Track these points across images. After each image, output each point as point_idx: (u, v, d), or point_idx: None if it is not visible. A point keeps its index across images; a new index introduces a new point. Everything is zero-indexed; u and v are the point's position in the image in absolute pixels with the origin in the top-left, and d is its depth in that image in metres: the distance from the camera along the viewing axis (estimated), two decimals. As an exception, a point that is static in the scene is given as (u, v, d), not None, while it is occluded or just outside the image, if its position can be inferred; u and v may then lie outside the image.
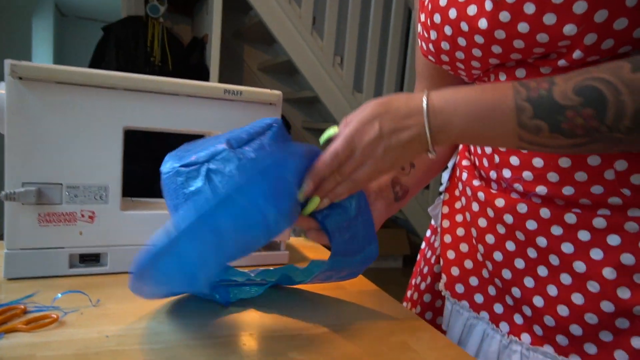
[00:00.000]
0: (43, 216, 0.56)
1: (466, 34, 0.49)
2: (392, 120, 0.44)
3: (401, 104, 0.44)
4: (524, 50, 0.46)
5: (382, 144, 0.44)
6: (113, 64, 2.43)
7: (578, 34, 0.42)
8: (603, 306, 0.46)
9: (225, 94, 0.63)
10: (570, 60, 0.44)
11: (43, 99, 0.54)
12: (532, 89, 0.41)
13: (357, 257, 0.53)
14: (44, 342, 0.41)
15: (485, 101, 0.42)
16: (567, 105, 0.40)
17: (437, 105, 0.43)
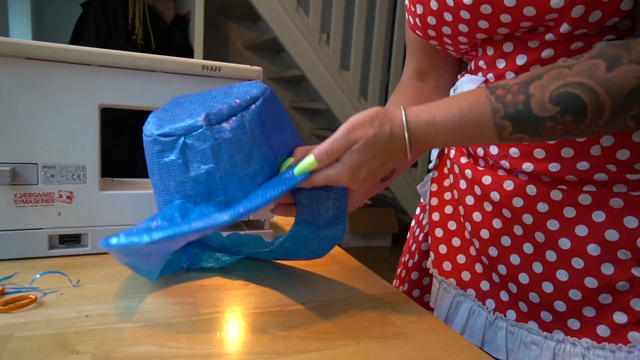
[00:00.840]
0: (19, 197, 0.55)
1: (452, 8, 0.48)
2: (379, 160, 0.45)
3: (386, 143, 0.44)
4: (511, 24, 0.46)
5: (369, 179, 0.47)
6: (93, 42, 2.36)
7: (565, 7, 0.41)
8: (587, 282, 0.47)
9: (204, 70, 0.62)
10: (557, 34, 0.44)
11: (13, 76, 0.52)
12: (509, 103, 0.41)
13: (323, 231, 0.54)
14: (22, 323, 0.41)
15: (464, 124, 0.43)
16: (546, 117, 0.40)
17: (419, 136, 0.44)
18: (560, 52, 0.46)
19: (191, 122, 0.46)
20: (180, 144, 0.46)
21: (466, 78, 0.55)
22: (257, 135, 0.47)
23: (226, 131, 0.46)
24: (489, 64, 0.52)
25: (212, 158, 0.46)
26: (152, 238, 0.40)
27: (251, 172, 0.47)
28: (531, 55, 0.47)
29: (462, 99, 0.43)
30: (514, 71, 0.49)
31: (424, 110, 0.44)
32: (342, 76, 2.70)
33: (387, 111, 0.45)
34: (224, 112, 0.47)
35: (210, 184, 0.46)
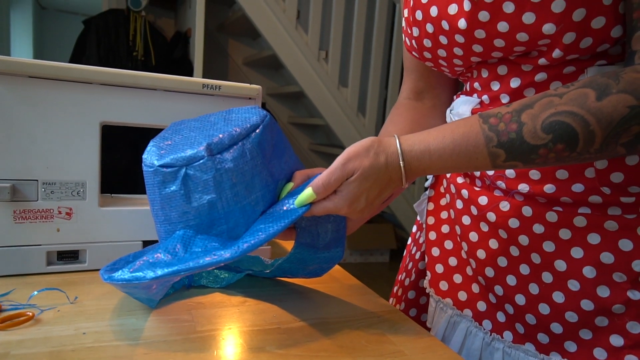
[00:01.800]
0: (18, 213, 0.55)
1: (447, 32, 0.49)
2: (376, 190, 0.46)
3: (382, 172, 0.45)
4: (505, 48, 0.47)
5: (367, 208, 0.47)
6: (94, 58, 2.39)
7: (557, 33, 0.42)
8: (583, 304, 0.47)
9: (204, 88, 0.62)
10: (550, 59, 0.45)
11: (16, 93, 0.53)
12: (502, 132, 0.42)
13: (323, 253, 0.54)
14: (19, 340, 0.41)
15: (458, 153, 0.44)
16: (539, 145, 0.41)
17: (414, 165, 0.45)
18: (553, 75, 0.47)
19: (192, 152, 0.46)
20: (182, 174, 0.46)
21: (462, 99, 0.56)
22: (258, 163, 0.48)
23: (227, 161, 0.46)
24: (484, 86, 0.53)
25: (214, 188, 0.46)
26: (156, 275, 0.41)
27: (253, 200, 0.47)
28: (525, 79, 0.48)
29: (456, 127, 0.44)
30: (508, 93, 0.50)
31: (418, 139, 0.45)
32: (340, 92, 2.73)
33: (382, 141, 0.46)
34: (224, 142, 0.47)
35: (212, 213, 0.46)
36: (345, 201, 0.46)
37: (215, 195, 0.46)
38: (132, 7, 2.44)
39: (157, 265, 0.42)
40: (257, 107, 0.53)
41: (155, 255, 0.44)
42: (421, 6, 0.52)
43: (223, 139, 0.47)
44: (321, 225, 0.53)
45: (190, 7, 2.50)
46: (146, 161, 0.48)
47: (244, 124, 0.49)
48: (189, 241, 0.46)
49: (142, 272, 0.41)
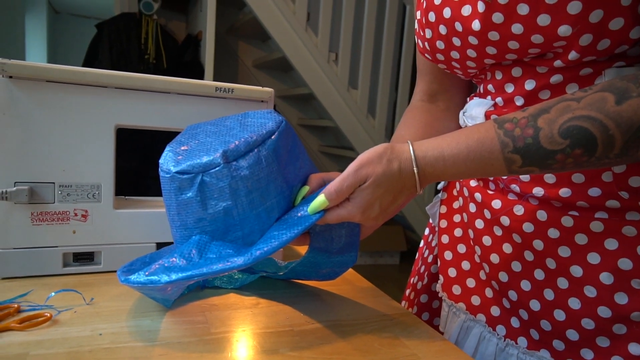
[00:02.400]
0: (36, 215, 0.56)
1: (460, 34, 0.49)
2: (389, 197, 0.46)
3: (395, 179, 0.45)
4: (519, 50, 0.46)
5: (381, 215, 0.47)
6: (107, 61, 2.42)
7: (573, 35, 0.42)
8: (600, 311, 0.46)
9: (217, 91, 0.63)
10: (566, 61, 0.44)
11: (34, 97, 0.54)
12: (517, 137, 0.41)
13: (336, 257, 0.54)
14: (37, 341, 0.41)
15: (473, 158, 0.43)
16: (556, 150, 0.40)
17: (428, 171, 0.45)
18: (569, 78, 0.46)
19: (209, 159, 0.46)
20: (198, 181, 0.46)
21: (475, 101, 0.56)
22: (273, 170, 0.48)
23: (243, 168, 0.46)
24: (498, 88, 0.52)
25: (229, 195, 0.46)
26: (170, 279, 0.41)
27: (268, 206, 0.48)
28: (540, 81, 0.48)
29: (470, 133, 0.44)
30: (523, 96, 0.49)
31: (431, 145, 0.45)
32: (350, 94, 2.73)
33: (395, 147, 0.45)
34: (240, 149, 0.47)
35: (228, 220, 0.47)
36: (358, 208, 0.45)
37: (230, 202, 0.46)
38: (144, 10, 2.47)
39: (172, 270, 0.42)
40: (273, 112, 0.53)
41: (170, 259, 0.45)
42: (434, 8, 0.51)
43: (239, 145, 0.47)
44: (335, 231, 0.53)
45: (201, 10, 2.52)
46: (163, 167, 0.49)
47: (259, 130, 0.49)
48: (204, 247, 0.46)
49: (157, 276, 0.42)
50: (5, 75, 0.52)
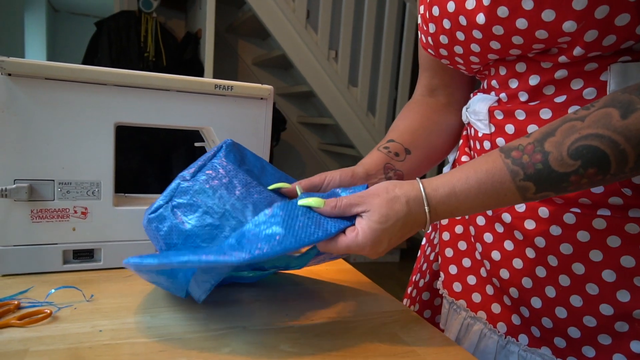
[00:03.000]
0: (35, 212, 0.56)
1: (464, 28, 0.49)
2: (399, 234, 0.44)
3: (405, 218, 0.43)
4: (523, 46, 0.46)
5: (389, 249, 0.46)
6: (106, 59, 2.41)
7: (578, 31, 0.41)
8: (602, 309, 0.46)
9: (216, 89, 0.63)
10: (570, 57, 0.44)
11: (33, 95, 0.54)
12: (527, 164, 0.40)
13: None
14: (37, 337, 0.42)
15: (485, 192, 0.42)
16: (569, 172, 0.39)
17: (440, 210, 0.44)
18: (573, 73, 0.46)
19: (170, 188, 0.49)
20: (170, 209, 0.48)
21: (479, 97, 0.56)
22: (230, 168, 0.50)
23: (201, 177, 0.49)
24: (502, 84, 0.52)
25: (199, 201, 0.48)
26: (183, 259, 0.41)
27: (239, 196, 0.49)
28: (544, 76, 0.47)
29: (478, 166, 0.43)
30: (527, 91, 0.49)
31: (441, 181, 0.44)
32: (350, 92, 2.73)
33: (403, 184, 0.44)
34: (194, 168, 0.51)
35: (210, 223, 0.48)
36: (365, 244, 0.43)
37: (202, 208, 0.48)
38: (143, 8, 2.47)
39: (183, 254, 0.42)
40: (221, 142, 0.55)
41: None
42: (438, 1, 0.51)
43: (192, 167, 0.51)
44: None
45: (200, 8, 2.51)
46: (144, 225, 0.51)
47: (207, 154, 0.52)
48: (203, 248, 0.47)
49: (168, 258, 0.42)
50: (4, 72, 0.52)
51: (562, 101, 0.47)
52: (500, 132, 0.52)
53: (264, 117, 0.68)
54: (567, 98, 0.46)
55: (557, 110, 0.47)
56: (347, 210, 0.44)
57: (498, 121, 0.52)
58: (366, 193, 0.44)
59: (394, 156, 0.60)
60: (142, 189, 0.76)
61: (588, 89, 0.45)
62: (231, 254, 0.41)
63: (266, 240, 0.42)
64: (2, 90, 0.53)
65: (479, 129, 0.55)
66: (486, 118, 0.53)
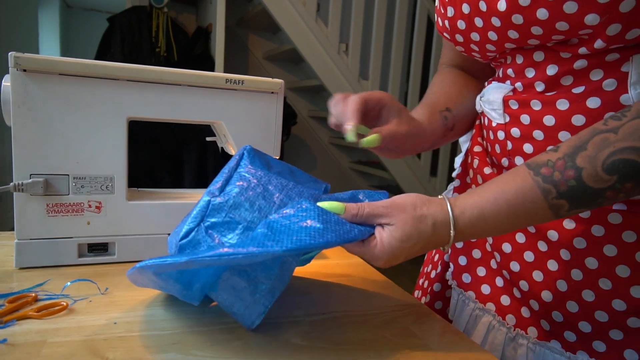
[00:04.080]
0: (51, 207, 0.57)
1: (484, 14, 0.48)
2: (417, 252, 0.43)
3: (431, 241, 0.42)
4: (542, 36, 0.45)
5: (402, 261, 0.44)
6: (118, 54, 2.43)
7: (601, 24, 0.40)
8: (615, 304, 0.45)
9: (227, 83, 0.63)
10: (591, 49, 0.43)
11: (47, 90, 0.55)
12: (559, 182, 0.39)
13: None
14: (55, 329, 0.42)
15: (515, 213, 0.40)
16: (604, 187, 0.38)
17: (468, 233, 0.42)
18: (594, 64, 0.44)
19: (199, 207, 0.44)
20: (204, 229, 0.44)
21: (493, 85, 0.55)
22: (261, 175, 0.47)
23: (232, 191, 0.45)
24: (518, 73, 0.51)
25: (237, 217, 0.44)
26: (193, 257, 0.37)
27: (280, 204, 0.45)
28: (563, 66, 0.46)
29: (506, 185, 0.41)
30: (544, 81, 0.48)
31: (469, 204, 0.42)
32: (361, 86, 2.71)
33: (431, 203, 0.43)
34: (220, 181, 0.47)
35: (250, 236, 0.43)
36: (381, 257, 0.43)
37: (242, 224, 0.44)
38: (154, 3, 2.48)
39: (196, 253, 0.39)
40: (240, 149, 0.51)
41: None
42: None
43: (217, 181, 0.47)
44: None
45: (211, 2, 2.51)
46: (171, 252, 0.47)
47: (229, 165, 0.48)
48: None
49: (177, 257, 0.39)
50: (20, 68, 0.53)
51: (580, 92, 0.46)
52: (515, 122, 0.51)
53: (274, 111, 0.68)
54: (585, 89, 0.45)
55: (575, 101, 0.46)
56: (369, 220, 0.43)
57: (513, 111, 0.51)
58: (391, 204, 0.42)
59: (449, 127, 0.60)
60: (154, 184, 0.77)
61: (608, 79, 0.44)
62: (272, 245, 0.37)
63: (306, 232, 0.39)
64: (18, 85, 0.53)
65: (493, 118, 0.54)
66: (500, 107, 0.53)
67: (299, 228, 0.40)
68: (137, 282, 0.46)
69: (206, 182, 2.23)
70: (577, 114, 0.46)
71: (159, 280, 0.44)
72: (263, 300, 0.43)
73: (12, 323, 0.43)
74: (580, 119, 0.45)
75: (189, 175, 2.24)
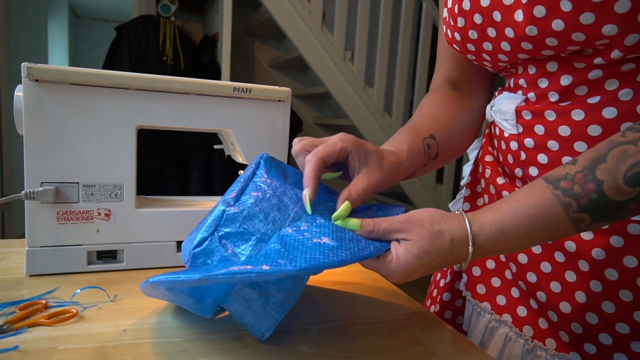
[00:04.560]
0: (61, 214, 0.58)
1: (498, 24, 0.47)
2: (434, 269, 0.42)
3: (445, 253, 0.41)
4: (557, 47, 0.44)
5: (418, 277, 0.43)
6: (126, 63, 2.46)
7: (618, 35, 0.40)
8: (636, 316, 0.45)
9: (235, 91, 0.64)
10: (607, 59, 0.42)
11: (59, 100, 0.56)
12: (579, 195, 0.38)
13: None
14: (65, 336, 0.43)
15: (536, 228, 0.40)
16: (627, 200, 0.37)
17: (487, 250, 0.41)
18: (609, 73, 0.44)
19: (213, 217, 0.44)
20: (217, 239, 0.43)
21: (505, 95, 0.55)
22: (276, 185, 0.46)
23: (247, 201, 0.44)
24: (530, 83, 0.50)
25: (250, 228, 0.43)
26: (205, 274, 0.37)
27: (294, 217, 0.44)
28: (577, 76, 0.46)
29: (525, 200, 0.40)
30: (557, 91, 0.48)
31: (488, 220, 0.41)
32: (366, 93, 2.72)
33: (449, 219, 0.42)
34: (235, 190, 0.46)
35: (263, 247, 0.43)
36: (397, 274, 0.42)
37: (255, 235, 0.43)
38: (161, 13, 2.51)
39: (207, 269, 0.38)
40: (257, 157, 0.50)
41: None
42: None
43: (232, 190, 0.45)
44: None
45: (217, 11, 2.54)
46: (184, 259, 0.45)
47: (245, 173, 0.47)
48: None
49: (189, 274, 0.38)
50: (32, 79, 0.54)
51: (595, 102, 0.45)
52: (529, 132, 0.51)
53: (281, 119, 0.68)
54: (601, 99, 0.45)
55: (590, 111, 0.45)
56: (385, 236, 0.42)
57: (526, 121, 0.51)
58: (408, 220, 0.42)
59: (432, 156, 0.57)
60: (162, 191, 0.78)
61: (624, 90, 0.44)
62: (285, 264, 0.36)
63: (319, 250, 0.38)
64: (30, 95, 0.54)
65: (505, 128, 0.54)
66: (513, 118, 0.52)
67: (312, 245, 0.39)
68: (150, 294, 0.46)
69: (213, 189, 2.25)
70: (593, 124, 0.45)
71: (172, 295, 0.44)
72: (274, 313, 0.43)
73: (23, 330, 0.43)
74: (596, 129, 0.45)
75: (197, 182, 2.25)
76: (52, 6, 4.80)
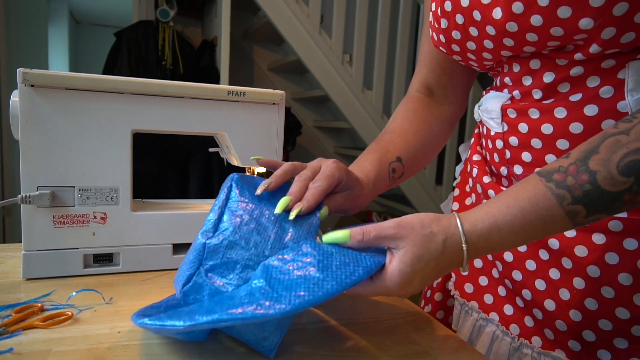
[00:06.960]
0: (57, 218, 0.58)
1: (479, 23, 0.48)
2: (433, 273, 0.41)
3: (439, 255, 0.40)
4: (537, 43, 0.45)
5: (419, 290, 0.43)
6: (125, 68, 2.47)
7: (595, 28, 0.40)
8: (618, 313, 0.45)
9: (229, 95, 0.64)
10: (587, 54, 0.43)
11: (54, 105, 0.56)
12: (573, 187, 0.38)
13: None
14: (60, 338, 0.43)
15: (530, 222, 0.39)
16: (621, 190, 0.37)
17: (481, 247, 0.41)
18: (590, 70, 0.45)
19: (195, 252, 0.43)
20: (203, 273, 0.43)
21: (491, 94, 0.55)
22: (252, 208, 0.45)
23: (228, 228, 0.44)
24: (515, 81, 0.51)
25: (234, 257, 0.43)
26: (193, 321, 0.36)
27: (275, 238, 0.44)
28: (559, 73, 0.47)
29: (518, 195, 0.40)
30: (541, 89, 0.48)
31: (480, 216, 0.40)
32: (365, 95, 2.73)
33: (441, 220, 0.41)
34: (212, 219, 0.45)
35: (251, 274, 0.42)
36: (396, 285, 0.40)
37: (240, 263, 0.43)
38: (160, 18, 2.52)
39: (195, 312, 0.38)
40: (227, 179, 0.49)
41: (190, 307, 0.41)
42: None
43: (209, 221, 0.45)
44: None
45: (216, 15, 2.55)
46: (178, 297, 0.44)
47: (219, 198, 0.47)
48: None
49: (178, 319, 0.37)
50: (28, 84, 0.54)
51: (577, 100, 0.46)
52: (514, 130, 0.52)
53: (276, 122, 0.69)
54: (582, 96, 0.46)
55: (572, 109, 0.46)
56: (376, 243, 0.41)
57: (511, 120, 0.52)
58: (398, 225, 0.41)
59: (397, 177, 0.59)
60: (160, 194, 0.78)
61: (605, 87, 0.44)
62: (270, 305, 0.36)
63: (304, 285, 0.37)
64: (26, 100, 0.55)
65: (492, 127, 0.55)
66: (499, 116, 0.53)
67: (297, 279, 0.38)
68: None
69: (211, 192, 2.25)
70: (574, 122, 0.46)
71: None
72: (272, 337, 0.42)
73: (19, 333, 0.44)
74: (578, 126, 0.46)
75: (194, 185, 2.26)
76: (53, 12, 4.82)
